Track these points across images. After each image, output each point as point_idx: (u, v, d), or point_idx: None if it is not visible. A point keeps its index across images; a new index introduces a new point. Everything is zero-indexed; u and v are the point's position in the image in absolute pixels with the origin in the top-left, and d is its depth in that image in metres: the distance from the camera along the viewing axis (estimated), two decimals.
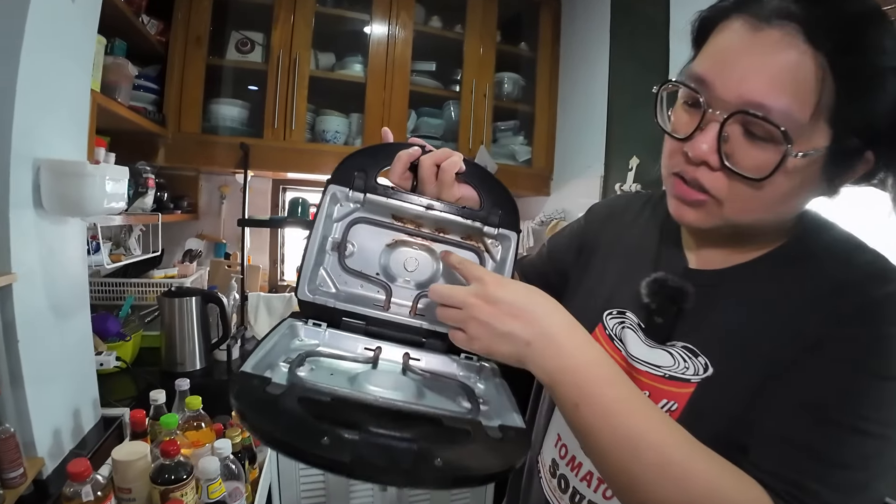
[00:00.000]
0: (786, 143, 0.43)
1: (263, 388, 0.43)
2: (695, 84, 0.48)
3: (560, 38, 2.45)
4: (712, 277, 0.57)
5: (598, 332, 0.64)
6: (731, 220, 0.50)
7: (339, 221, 0.62)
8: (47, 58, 1.01)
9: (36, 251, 1.02)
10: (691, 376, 0.53)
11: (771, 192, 0.47)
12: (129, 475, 0.93)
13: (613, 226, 0.73)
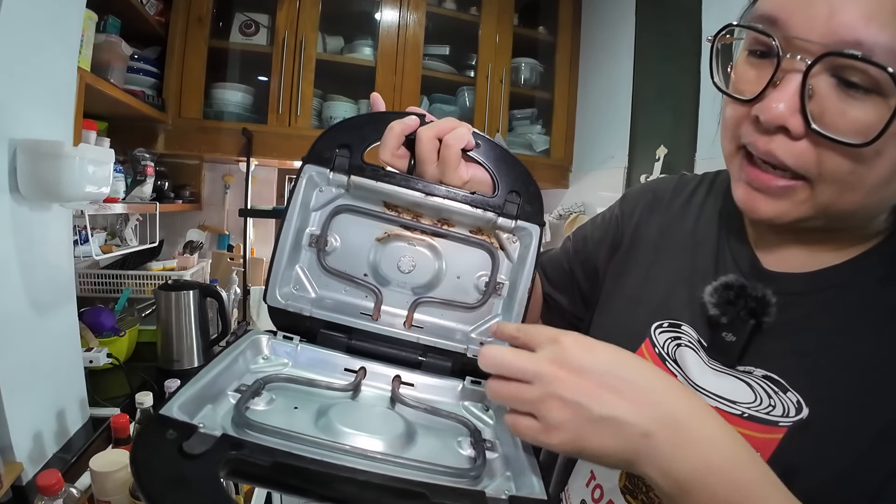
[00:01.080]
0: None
1: (179, 445, 0.31)
2: (764, 26, 0.37)
3: (581, 22, 2.34)
4: (799, 283, 0.45)
5: (644, 350, 0.51)
6: (825, 209, 0.38)
7: (317, 211, 0.51)
8: (27, 30, 0.93)
9: (11, 240, 0.93)
10: (780, 418, 0.40)
11: (880, 165, 0.35)
12: (108, 487, 0.85)
13: (658, 215, 0.60)
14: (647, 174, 1.74)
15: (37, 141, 0.92)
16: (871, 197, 0.38)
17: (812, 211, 0.39)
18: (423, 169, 0.49)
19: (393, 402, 0.47)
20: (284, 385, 0.44)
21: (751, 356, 0.44)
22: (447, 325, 0.53)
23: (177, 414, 0.34)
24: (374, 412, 0.44)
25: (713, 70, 0.43)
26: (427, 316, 0.53)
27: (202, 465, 0.30)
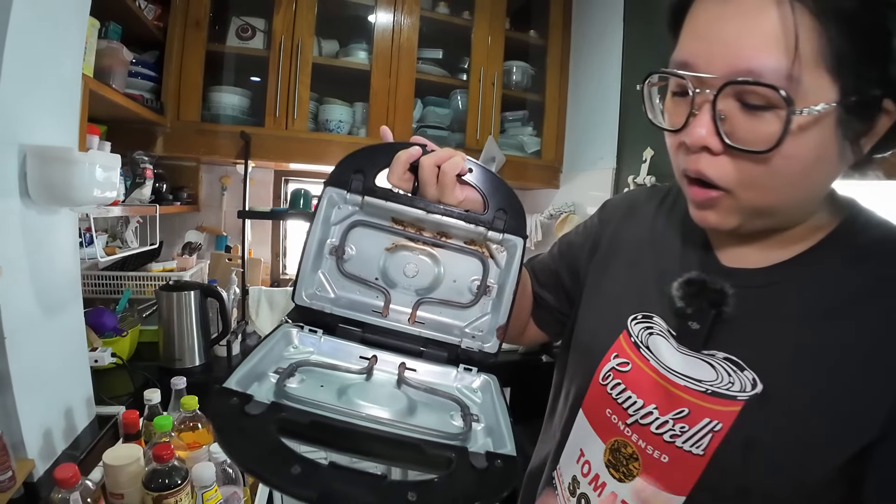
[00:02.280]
0: (786, 103, 0.38)
1: (242, 407, 0.41)
2: (679, 69, 0.44)
3: (571, 26, 2.38)
4: (754, 277, 0.51)
5: (622, 341, 0.58)
6: (751, 208, 0.45)
7: (336, 225, 0.59)
8: (35, 39, 0.95)
9: (21, 243, 0.96)
10: (738, 393, 0.46)
11: (786, 164, 0.41)
12: (120, 480, 0.89)
13: (632, 222, 0.67)
14: (635, 175, 1.79)
15: (47, 147, 0.95)
16: (789, 193, 0.44)
17: (743, 215, 0.46)
18: (425, 190, 0.56)
19: (399, 383, 0.54)
20: (312, 368, 0.52)
21: (714, 341, 0.50)
22: (445, 321, 0.60)
23: (235, 386, 0.42)
24: (383, 391, 0.52)
25: (646, 108, 0.50)
26: (428, 313, 0.60)
27: (260, 422, 0.40)
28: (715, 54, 0.42)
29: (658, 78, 0.49)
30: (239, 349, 1.76)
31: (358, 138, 2.10)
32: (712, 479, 0.46)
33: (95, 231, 1.29)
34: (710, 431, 0.46)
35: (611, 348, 0.58)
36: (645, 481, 0.50)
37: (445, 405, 0.52)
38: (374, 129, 2.08)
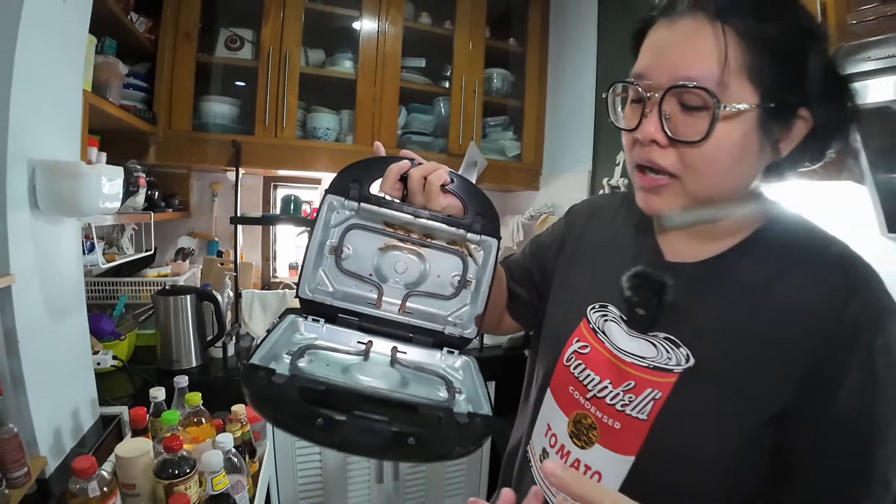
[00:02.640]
0: (713, 99, 0.49)
1: (269, 378, 0.50)
2: (635, 80, 0.55)
3: (549, 34, 2.47)
4: (691, 270, 0.60)
5: (582, 327, 0.67)
6: (693, 193, 0.54)
7: (335, 227, 0.66)
8: (41, 58, 1.01)
9: (32, 252, 1.02)
10: (674, 367, 0.56)
11: (717, 152, 0.51)
12: (132, 471, 0.95)
13: (593, 225, 0.77)
14: (609, 177, 1.88)
15: (56, 161, 1.01)
16: (722, 180, 0.54)
17: (685, 199, 0.55)
18: (413, 198, 0.64)
19: (392, 363, 0.63)
20: (317, 351, 0.60)
21: (657, 325, 0.59)
22: (430, 311, 0.69)
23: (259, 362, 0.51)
24: (379, 369, 0.61)
25: (610, 114, 0.60)
26: (415, 304, 0.69)
27: (285, 389, 0.49)
28: (662, 66, 0.52)
29: (621, 88, 0.58)
30: (233, 350, 1.82)
31: (345, 145, 2.17)
32: (655, 440, 0.55)
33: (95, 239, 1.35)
34: (651, 399, 0.56)
35: (573, 334, 0.67)
36: (602, 447, 0.59)
37: (432, 380, 0.61)
38: (360, 136, 2.15)
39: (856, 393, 0.49)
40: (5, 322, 0.95)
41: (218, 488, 0.90)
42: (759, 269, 0.56)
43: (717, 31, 0.49)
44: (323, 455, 1.81)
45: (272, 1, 1.97)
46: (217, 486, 0.90)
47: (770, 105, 0.50)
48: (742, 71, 0.49)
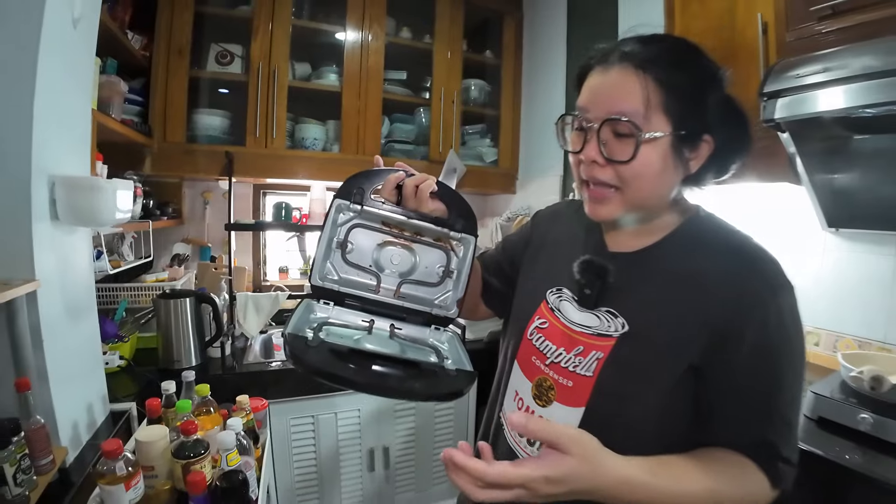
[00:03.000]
0: (637, 129, 0.63)
1: (305, 342, 0.63)
2: (579, 112, 0.69)
3: (522, 47, 2.63)
4: (627, 258, 0.75)
5: (542, 307, 0.81)
6: (630, 201, 0.69)
7: (342, 226, 0.79)
8: (56, 82, 1.11)
9: (53, 259, 1.12)
10: (613, 332, 0.70)
11: (642, 169, 0.66)
12: (151, 454, 1.05)
13: (554, 226, 0.92)
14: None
15: (76, 177, 1.12)
16: (650, 190, 0.68)
17: (625, 206, 0.69)
18: (406, 203, 0.77)
19: (391, 336, 0.76)
20: (331, 327, 0.73)
21: (601, 301, 0.73)
22: (420, 296, 0.82)
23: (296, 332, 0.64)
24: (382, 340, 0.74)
25: (559, 138, 0.75)
26: (408, 290, 0.82)
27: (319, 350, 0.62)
28: (599, 103, 0.66)
29: (569, 119, 0.73)
30: (230, 350, 1.92)
31: (331, 154, 2.29)
32: (598, 390, 0.69)
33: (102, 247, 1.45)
34: (595, 359, 0.70)
35: (535, 313, 0.81)
36: (559, 403, 0.73)
37: (425, 349, 0.75)
38: (346, 146, 2.27)
39: (755, 349, 0.63)
40: (32, 322, 1.05)
41: (232, 464, 1.02)
42: (680, 256, 0.70)
43: (641, 78, 0.64)
44: (317, 446, 1.92)
45: (261, 18, 2.09)
46: (231, 462, 1.02)
47: (680, 133, 0.65)
48: (659, 107, 0.64)
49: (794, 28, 1.41)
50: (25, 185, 1.02)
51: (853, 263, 1.63)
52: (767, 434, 0.64)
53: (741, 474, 0.63)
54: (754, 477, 0.63)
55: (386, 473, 2.07)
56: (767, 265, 0.66)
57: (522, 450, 0.79)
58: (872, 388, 1.18)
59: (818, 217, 1.63)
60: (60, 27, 1.10)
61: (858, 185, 1.55)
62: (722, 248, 0.69)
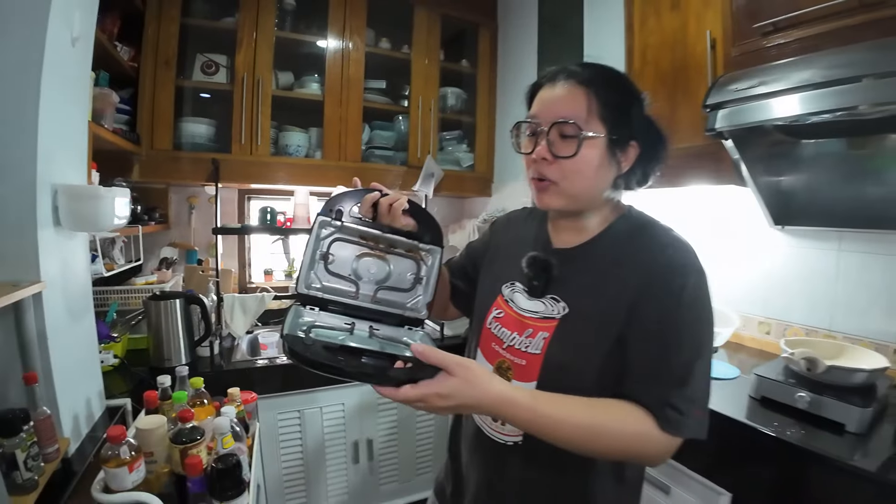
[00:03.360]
0: (580, 130, 0.76)
1: (303, 341, 0.73)
2: (531, 119, 0.82)
3: (497, 56, 2.75)
4: (568, 252, 0.87)
5: (499, 300, 0.93)
6: (570, 192, 0.81)
7: (324, 240, 0.87)
8: (57, 97, 1.18)
9: (55, 263, 1.19)
10: (556, 314, 0.83)
11: (582, 164, 0.79)
12: (151, 441, 1.14)
13: (508, 231, 1.05)
14: None
15: (78, 185, 1.20)
16: (587, 184, 0.81)
17: (565, 197, 0.81)
18: (381, 219, 0.88)
19: (370, 336, 0.86)
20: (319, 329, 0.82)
21: (547, 290, 0.86)
22: (394, 300, 0.91)
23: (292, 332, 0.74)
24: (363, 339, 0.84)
25: (515, 143, 0.88)
26: (383, 295, 0.91)
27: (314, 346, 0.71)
28: (548, 110, 0.79)
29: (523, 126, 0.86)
30: (218, 349, 1.99)
31: (314, 160, 2.38)
32: (546, 365, 0.81)
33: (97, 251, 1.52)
34: (542, 339, 0.82)
35: (492, 305, 0.93)
36: (516, 380, 0.84)
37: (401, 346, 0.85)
38: (328, 152, 2.37)
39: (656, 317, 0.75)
40: (38, 321, 1.13)
41: (227, 447, 1.11)
42: (611, 248, 0.83)
43: (584, 91, 0.78)
44: (303, 439, 2.01)
45: (245, 30, 2.17)
46: (226, 445, 1.11)
47: (613, 136, 0.79)
48: (596, 115, 0.78)
49: (739, 43, 1.55)
50: (31, 194, 1.10)
51: (799, 258, 1.78)
52: (657, 386, 0.74)
53: (624, 412, 0.74)
54: (637, 415, 0.73)
55: (370, 465, 2.16)
56: (677, 251, 0.79)
57: (488, 426, 0.90)
58: (808, 369, 1.32)
59: (764, 216, 1.78)
60: (61, 47, 1.18)
61: (800, 186, 1.71)
62: (643, 238, 0.82)
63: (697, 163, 1.68)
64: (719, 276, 2.04)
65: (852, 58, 1.17)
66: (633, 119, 0.80)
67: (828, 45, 1.29)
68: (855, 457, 1.07)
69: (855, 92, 1.15)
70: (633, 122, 0.80)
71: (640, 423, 0.73)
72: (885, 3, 1.20)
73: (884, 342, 1.52)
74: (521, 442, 0.85)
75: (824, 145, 1.64)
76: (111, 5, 1.73)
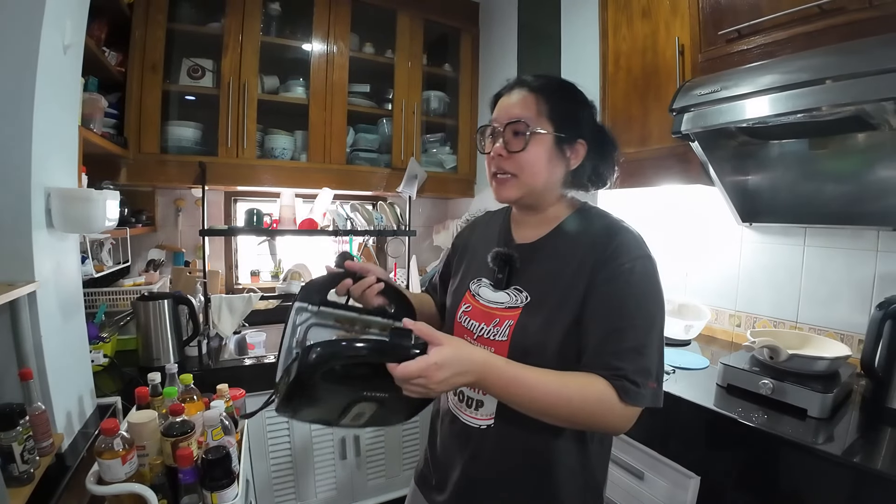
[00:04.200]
0: (527, 126, 0.87)
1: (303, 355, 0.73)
2: (491, 123, 0.93)
3: (479, 61, 2.82)
4: (528, 246, 0.95)
5: (467, 295, 1.01)
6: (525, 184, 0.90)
7: (300, 326, 0.88)
8: (49, 104, 1.21)
9: (48, 263, 1.23)
10: (518, 304, 0.90)
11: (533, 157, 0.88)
12: (143, 434, 1.17)
13: (473, 234, 1.14)
14: None
15: (70, 189, 1.24)
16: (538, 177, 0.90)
17: (521, 188, 0.90)
18: (356, 302, 0.95)
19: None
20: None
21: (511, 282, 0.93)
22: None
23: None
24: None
25: (478, 144, 0.97)
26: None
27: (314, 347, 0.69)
28: (504, 114, 0.90)
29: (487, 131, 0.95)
30: (206, 349, 2.03)
31: (299, 163, 2.43)
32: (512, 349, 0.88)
33: (86, 253, 1.56)
34: (508, 326, 0.89)
35: (462, 301, 1.01)
36: None
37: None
38: (313, 155, 2.42)
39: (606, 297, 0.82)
40: (32, 320, 1.16)
41: (216, 438, 1.15)
42: (566, 239, 0.91)
43: (533, 95, 0.90)
44: (291, 436, 2.05)
45: (231, 35, 2.21)
46: (216, 437, 1.15)
47: (560, 134, 0.88)
48: (544, 116, 0.88)
49: (706, 50, 1.63)
50: (26, 197, 1.13)
51: (766, 253, 1.87)
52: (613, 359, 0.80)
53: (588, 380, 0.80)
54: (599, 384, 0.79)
55: (357, 461, 2.21)
56: (625, 237, 0.86)
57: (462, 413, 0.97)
58: (771, 357, 1.40)
59: (732, 214, 1.86)
60: (53, 54, 1.22)
61: (766, 186, 1.79)
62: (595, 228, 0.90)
63: (668, 163, 1.77)
64: (692, 272, 2.13)
65: (815, 62, 1.24)
66: (580, 121, 0.90)
67: (788, 51, 1.38)
68: (818, 440, 1.14)
69: (817, 94, 1.22)
70: (581, 124, 0.90)
71: (602, 391, 0.79)
72: (844, 10, 1.28)
73: (849, 332, 1.61)
74: (492, 425, 0.92)
75: (787, 146, 1.72)
76: (99, 11, 1.76)
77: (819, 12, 1.32)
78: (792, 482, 1.14)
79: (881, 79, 1.10)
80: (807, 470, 1.12)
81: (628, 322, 0.82)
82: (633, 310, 0.82)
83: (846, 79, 1.17)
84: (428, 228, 3.07)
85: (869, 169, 1.51)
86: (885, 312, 1.30)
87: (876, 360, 1.32)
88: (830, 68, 1.20)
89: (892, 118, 1.30)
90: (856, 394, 1.41)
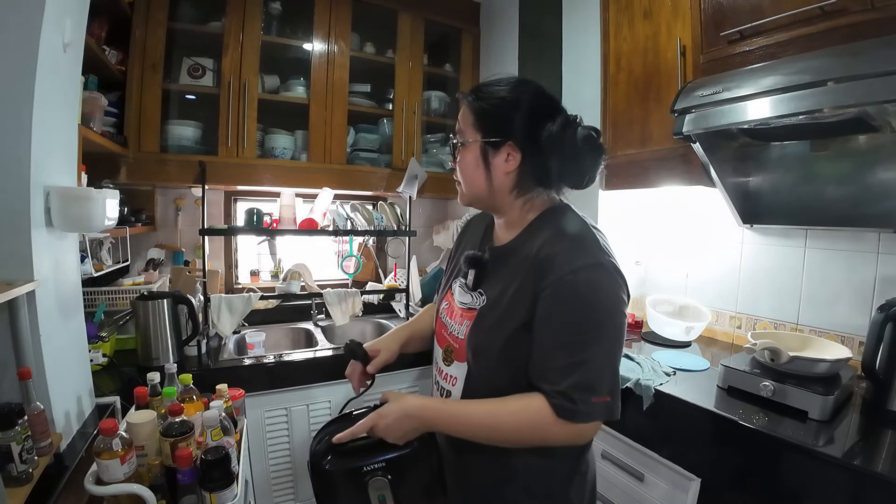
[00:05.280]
0: (458, 139, 0.94)
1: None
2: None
3: (479, 61, 2.81)
4: (500, 249, 0.97)
5: (448, 293, 1.05)
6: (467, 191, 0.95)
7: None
8: (49, 103, 1.21)
9: (48, 262, 1.23)
10: (477, 306, 0.94)
11: (464, 166, 0.93)
12: (142, 435, 1.17)
13: (466, 233, 1.17)
14: None
15: (70, 188, 1.24)
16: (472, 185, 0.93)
17: (467, 197, 0.95)
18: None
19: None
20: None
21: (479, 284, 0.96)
22: None
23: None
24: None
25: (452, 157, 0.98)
26: None
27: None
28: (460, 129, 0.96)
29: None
30: (205, 349, 2.02)
31: (299, 163, 2.42)
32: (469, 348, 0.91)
33: (86, 252, 1.55)
34: (466, 326, 0.93)
35: (444, 298, 1.05)
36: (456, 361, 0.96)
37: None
38: (313, 155, 2.41)
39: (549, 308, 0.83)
40: (31, 319, 1.16)
41: (216, 439, 1.15)
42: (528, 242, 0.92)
43: (466, 107, 0.94)
44: (290, 436, 2.05)
45: (231, 34, 2.21)
46: (215, 437, 1.15)
47: (486, 140, 0.89)
48: (471, 125, 0.91)
49: (707, 51, 1.63)
50: (26, 196, 1.13)
51: (767, 255, 1.87)
52: (552, 375, 0.82)
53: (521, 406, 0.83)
54: (535, 404, 0.82)
55: None
56: (570, 245, 0.86)
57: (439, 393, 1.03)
58: (772, 359, 1.39)
59: (733, 215, 1.86)
60: (53, 52, 1.21)
61: (767, 187, 1.79)
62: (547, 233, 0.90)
63: (668, 165, 1.76)
64: (693, 273, 2.13)
65: (817, 63, 1.24)
66: (509, 124, 0.89)
67: (790, 52, 1.37)
68: (819, 442, 1.14)
69: (819, 95, 1.22)
70: (510, 126, 0.89)
71: (535, 414, 0.82)
72: (846, 12, 1.27)
73: (850, 335, 1.61)
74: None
75: (789, 148, 1.72)
76: (99, 10, 1.75)
77: (821, 14, 1.32)
78: (792, 484, 1.14)
79: (883, 81, 1.10)
80: (807, 472, 1.11)
81: (568, 336, 0.81)
82: (574, 323, 0.82)
83: (848, 80, 1.17)
84: (428, 229, 3.06)
85: (870, 171, 1.51)
86: (886, 315, 1.30)
87: (877, 363, 1.32)
88: (832, 70, 1.20)
89: (893, 120, 1.30)
90: (857, 396, 1.41)
